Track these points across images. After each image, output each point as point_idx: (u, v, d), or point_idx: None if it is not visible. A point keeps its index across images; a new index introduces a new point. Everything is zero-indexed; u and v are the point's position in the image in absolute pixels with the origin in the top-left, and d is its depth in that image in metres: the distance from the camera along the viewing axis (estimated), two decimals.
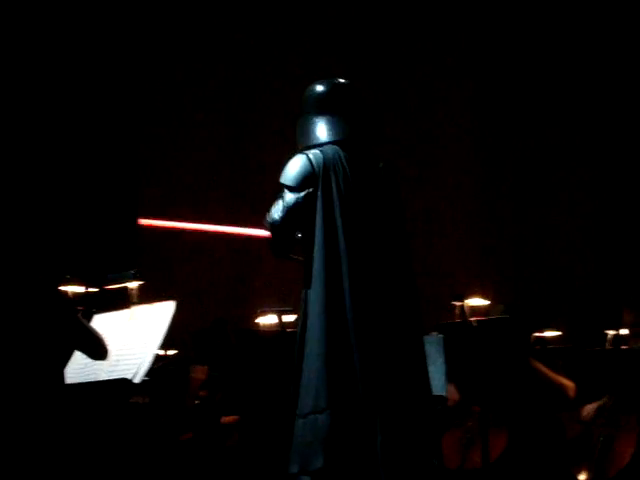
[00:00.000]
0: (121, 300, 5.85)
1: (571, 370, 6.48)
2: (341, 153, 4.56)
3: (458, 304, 6.49)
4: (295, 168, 4.53)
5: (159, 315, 5.30)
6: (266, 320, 7.25)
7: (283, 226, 4.52)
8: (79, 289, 6.49)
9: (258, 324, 7.46)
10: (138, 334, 5.28)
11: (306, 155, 4.55)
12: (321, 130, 4.63)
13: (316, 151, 4.56)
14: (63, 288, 6.21)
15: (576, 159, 10.49)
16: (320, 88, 4.71)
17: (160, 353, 6.20)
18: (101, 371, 5.11)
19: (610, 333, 6.92)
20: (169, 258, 10.21)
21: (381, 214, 4.55)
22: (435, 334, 5.95)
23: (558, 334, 7.79)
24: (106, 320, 5.45)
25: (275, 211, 4.53)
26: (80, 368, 5.11)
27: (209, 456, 6.20)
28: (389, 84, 10.41)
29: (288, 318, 6.25)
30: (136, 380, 5.06)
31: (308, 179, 4.50)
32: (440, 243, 10.42)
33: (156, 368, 5.38)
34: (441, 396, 5.66)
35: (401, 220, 4.64)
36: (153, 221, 5.04)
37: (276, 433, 4.78)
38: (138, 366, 5.09)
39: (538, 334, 7.21)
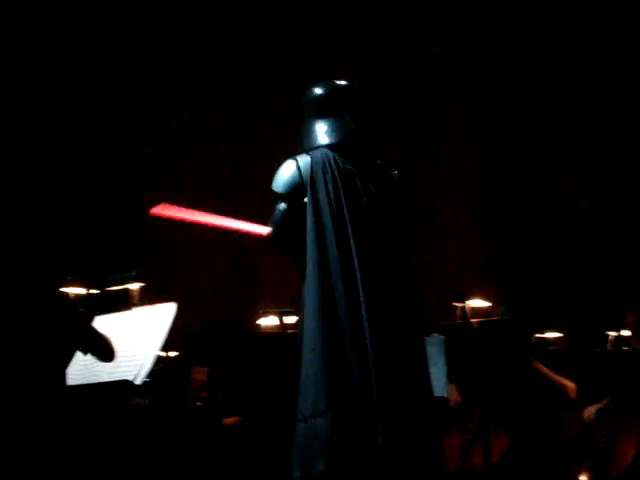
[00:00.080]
0: (122, 302, 5.85)
1: (572, 371, 6.48)
2: (332, 156, 4.56)
3: (459, 305, 6.49)
4: (283, 175, 4.59)
5: (160, 317, 5.30)
6: (267, 321, 7.25)
7: (279, 232, 4.60)
8: (80, 291, 6.49)
9: (259, 325, 7.47)
10: (139, 336, 5.28)
11: (294, 160, 4.58)
12: (317, 133, 4.64)
13: (305, 155, 4.59)
14: (64, 290, 6.21)
15: (578, 160, 10.48)
16: (317, 91, 4.71)
17: (161, 355, 6.20)
18: (102, 372, 5.11)
19: (611, 334, 6.93)
20: (170, 260, 10.21)
21: (378, 216, 4.53)
22: (436, 335, 5.95)
23: (559, 335, 7.79)
24: (107, 322, 5.45)
25: (272, 217, 4.62)
26: (81, 370, 5.11)
27: (211, 458, 6.20)
28: (388, 86, 10.40)
29: (289, 319, 6.25)
30: (137, 382, 5.06)
31: (295, 184, 4.55)
32: (441, 244, 10.42)
33: (157, 369, 5.38)
34: (442, 397, 5.66)
35: (401, 221, 4.61)
36: (166, 210, 5.00)
37: (278, 435, 4.78)
38: (139, 367, 5.09)
39: (539, 335, 7.21)
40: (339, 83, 4.74)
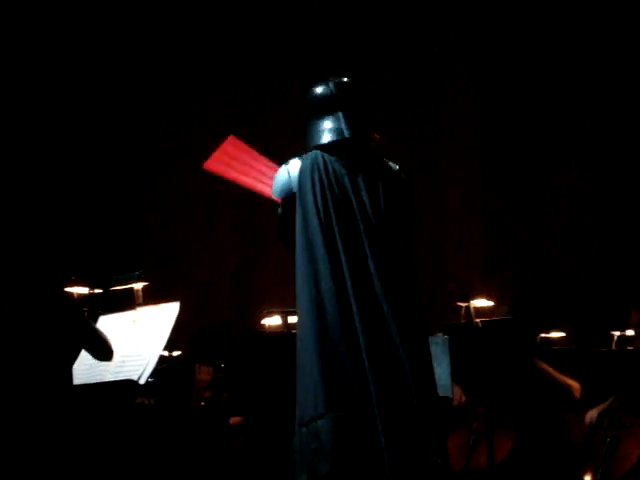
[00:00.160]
0: (126, 301, 5.85)
1: (577, 371, 6.47)
2: (322, 158, 4.55)
3: (464, 305, 6.48)
4: (276, 181, 4.65)
5: (164, 316, 5.30)
6: (271, 321, 7.25)
7: (280, 234, 4.65)
8: (84, 290, 6.49)
9: (263, 325, 7.46)
10: (143, 335, 5.29)
11: (285, 165, 4.62)
12: (311, 134, 4.65)
13: (296, 160, 4.61)
14: (68, 289, 6.21)
15: (582, 158, 10.47)
16: (312, 91, 4.69)
17: (164, 354, 6.20)
18: (107, 372, 5.11)
19: (616, 334, 6.92)
20: (174, 259, 10.21)
21: (371, 217, 4.49)
22: (440, 335, 5.94)
23: (563, 335, 7.78)
24: (111, 321, 5.45)
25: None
26: (86, 369, 5.11)
27: (215, 457, 6.19)
28: (391, 89, 10.39)
29: (293, 319, 6.24)
30: (141, 381, 5.07)
31: (287, 190, 4.59)
32: (445, 244, 10.41)
33: (161, 369, 5.38)
34: (447, 397, 5.65)
35: (403, 220, 4.57)
36: (218, 165, 4.95)
37: (282, 435, 4.77)
38: (143, 367, 5.09)
39: (544, 335, 7.20)
40: (333, 80, 4.67)
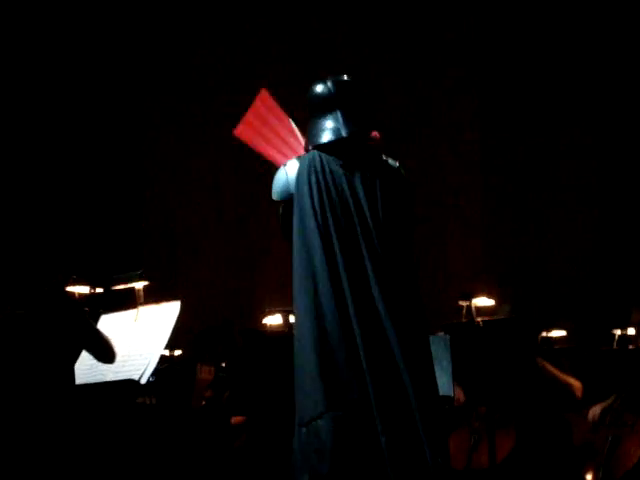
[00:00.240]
0: (127, 301, 5.85)
1: (578, 370, 6.47)
2: (319, 158, 4.54)
3: (465, 304, 6.47)
4: (275, 182, 4.64)
5: (165, 315, 5.30)
6: (272, 320, 7.25)
7: (282, 233, 4.64)
8: (85, 290, 6.49)
9: (265, 324, 7.46)
10: (144, 334, 5.29)
11: (284, 167, 4.62)
12: (311, 134, 4.63)
13: (294, 161, 4.61)
14: (70, 289, 6.21)
15: (583, 156, 10.46)
16: (313, 90, 4.66)
17: (165, 354, 6.20)
18: (108, 372, 5.11)
19: (617, 333, 6.91)
20: (175, 258, 10.21)
21: (368, 216, 4.46)
22: (441, 334, 5.94)
23: (565, 334, 7.78)
24: (112, 321, 5.45)
25: None
26: (87, 369, 5.11)
27: (216, 457, 6.19)
28: (390, 90, 10.38)
29: (294, 318, 6.23)
30: (142, 381, 5.07)
31: (286, 192, 4.59)
32: (446, 242, 10.40)
33: (162, 368, 5.38)
34: (448, 396, 5.65)
35: (402, 218, 4.55)
36: (246, 133, 4.94)
37: (284, 434, 4.77)
38: (144, 367, 5.09)
39: (545, 334, 7.19)
40: (331, 79, 4.64)
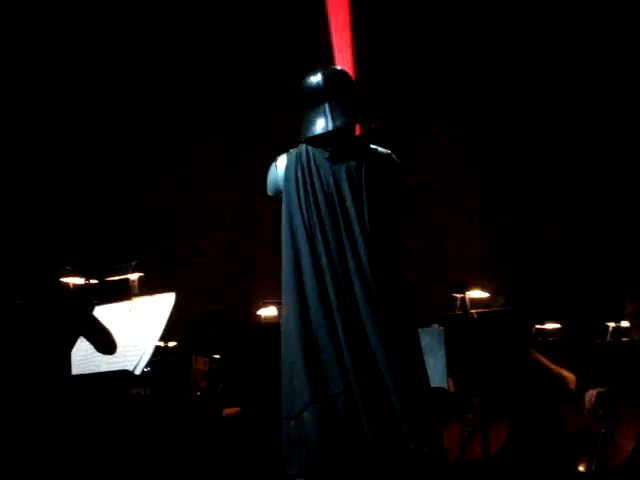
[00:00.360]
0: (122, 292, 5.84)
1: (572, 362, 6.48)
2: (306, 151, 4.55)
3: (459, 296, 6.47)
4: (268, 177, 4.67)
5: (159, 307, 5.31)
6: (267, 312, 7.25)
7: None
8: (79, 281, 6.48)
9: (259, 316, 7.46)
10: (139, 326, 5.29)
11: (274, 162, 4.64)
12: (302, 127, 4.62)
13: (284, 155, 4.63)
14: (64, 280, 6.21)
15: (578, 150, 10.48)
16: (304, 82, 4.65)
17: (160, 345, 6.20)
18: (102, 362, 5.11)
19: (611, 325, 6.92)
20: (170, 249, 10.21)
21: (356, 208, 4.44)
22: (436, 326, 5.94)
23: (559, 326, 7.79)
24: (107, 312, 5.46)
25: None
26: (81, 359, 5.11)
27: (210, 448, 6.20)
28: (389, 89, 10.38)
29: None
30: (137, 372, 5.07)
31: (276, 186, 4.62)
32: (441, 235, 10.41)
33: (157, 360, 5.38)
34: (442, 388, 5.66)
35: (391, 210, 4.52)
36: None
37: (278, 426, 4.78)
38: (139, 358, 5.10)
39: (539, 326, 7.20)
40: (320, 71, 4.62)
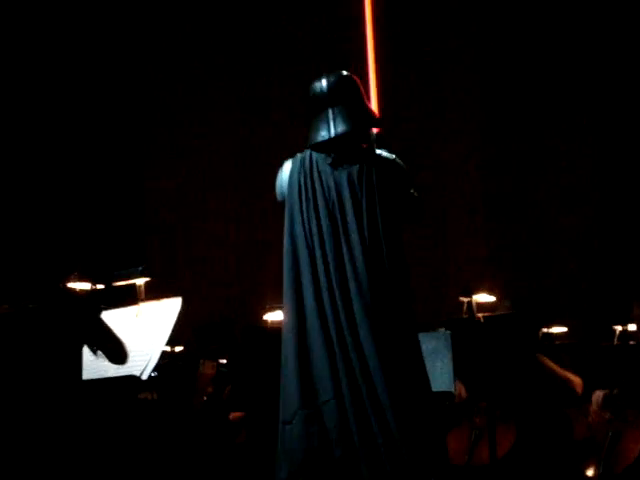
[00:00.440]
0: (128, 297, 5.85)
1: (579, 366, 6.47)
2: (309, 157, 4.55)
3: (466, 300, 6.47)
4: (276, 183, 4.68)
5: (166, 311, 5.31)
6: (273, 316, 7.25)
7: None
8: (86, 286, 6.49)
9: (265, 320, 7.47)
10: (145, 331, 5.29)
11: (281, 168, 4.65)
12: (309, 132, 4.62)
13: (289, 161, 4.64)
14: (71, 285, 6.22)
15: (582, 153, 10.47)
16: (310, 89, 4.63)
17: (167, 349, 6.20)
18: (109, 367, 5.11)
19: (618, 329, 6.92)
20: (176, 254, 10.22)
21: (355, 214, 4.44)
22: (442, 330, 5.94)
23: (565, 330, 7.78)
24: (114, 317, 5.45)
25: None
26: (88, 364, 5.11)
27: (216, 452, 6.20)
28: (392, 89, 10.38)
29: None
30: (144, 376, 5.07)
31: (281, 190, 4.64)
32: (447, 239, 10.41)
33: (164, 364, 5.38)
34: (449, 392, 5.66)
35: (390, 216, 4.49)
36: None
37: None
38: (146, 362, 5.10)
39: (545, 330, 7.20)
40: (325, 77, 4.59)
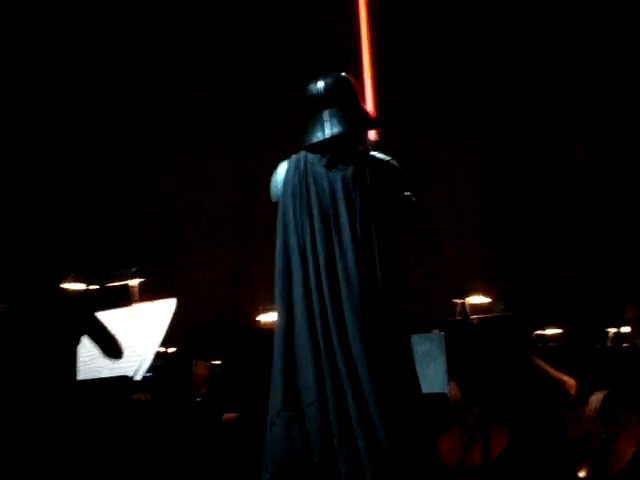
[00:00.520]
0: (122, 298, 5.85)
1: (572, 368, 6.48)
2: (304, 159, 4.54)
3: (459, 302, 6.48)
4: (271, 184, 4.67)
5: (160, 312, 5.31)
6: (267, 318, 7.26)
7: None
8: (80, 286, 6.49)
9: (259, 322, 7.47)
10: (139, 331, 5.29)
11: (276, 169, 4.64)
12: (305, 133, 4.61)
13: (284, 163, 4.63)
14: (65, 285, 6.22)
15: (577, 154, 10.49)
16: (307, 90, 4.62)
17: (161, 350, 6.19)
18: (103, 368, 5.11)
19: (611, 331, 6.93)
20: (170, 255, 10.22)
21: (349, 216, 4.42)
22: (436, 332, 5.94)
23: (559, 332, 7.79)
24: (107, 318, 5.45)
25: None
26: (82, 365, 5.11)
27: (210, 453, 6.19)
28: (389, 89, 10.39)
29: None
30: (137, 377, 5.07)
31: (276, 191, 4.63)
32: (441, 241, 10.42)
33: (157, 365, 5.38)
34: (443, 394, 5.66)
35: (384, 218, 4.47)
36: None
37: None
38: (139, 363, 5.10)
39: (539, 332, 7.21)
40: (321, 79, 4.58)
